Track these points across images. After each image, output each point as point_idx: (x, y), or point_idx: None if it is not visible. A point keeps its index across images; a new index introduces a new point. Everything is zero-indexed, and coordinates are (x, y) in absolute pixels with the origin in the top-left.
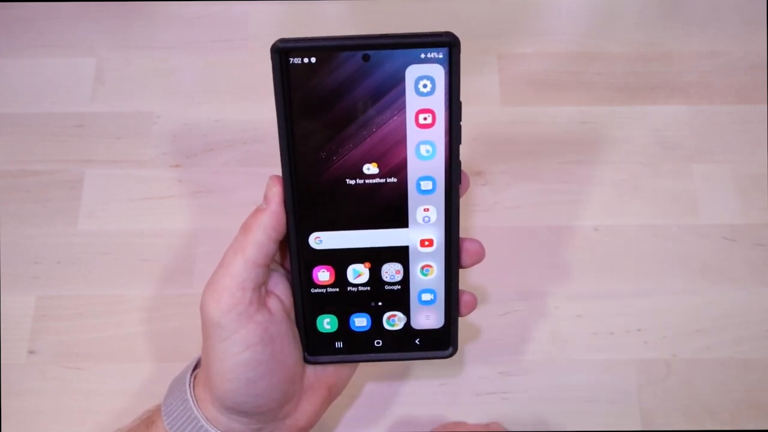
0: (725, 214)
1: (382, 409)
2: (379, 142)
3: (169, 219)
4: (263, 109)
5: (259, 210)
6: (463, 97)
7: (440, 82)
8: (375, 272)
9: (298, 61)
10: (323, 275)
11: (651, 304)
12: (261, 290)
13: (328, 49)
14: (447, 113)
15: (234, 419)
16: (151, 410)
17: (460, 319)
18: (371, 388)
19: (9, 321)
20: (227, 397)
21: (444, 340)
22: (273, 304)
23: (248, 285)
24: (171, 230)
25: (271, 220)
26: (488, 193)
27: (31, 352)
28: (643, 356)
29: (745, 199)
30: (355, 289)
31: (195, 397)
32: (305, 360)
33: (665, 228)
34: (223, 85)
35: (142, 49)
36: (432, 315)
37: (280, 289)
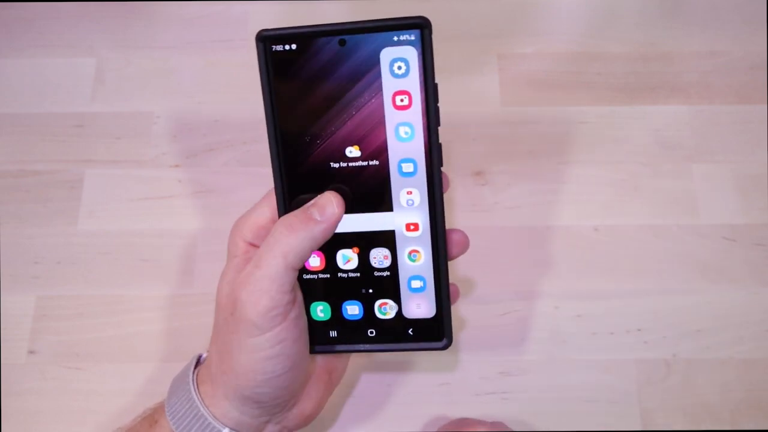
0: (725, 214)
1: (382, 410)
2: (360, 125)
3: (169, 219)
4: (263, 109)
5: (310, 218)
6: (463, 97)
7: (414, 64)
8: (364, 258)
9: (279, 48)
10: (314, 261)
11: (651, 304)
12: (295, 290)
13: (307, 35)
14: (423, 94)
15: (246, 412)
16: (153, 408)
17: (461, 319)
18: (370, 388)
19: (9, 321)
20: (251, 388)
21: (437, 331)
22: (298, 297)
23: (287, 288)
24: (171, 230)
25: (323, 234)
26: (488, 193)
27: (31, 352)
28: (643, 356)
29: (745, 199)
30: (345, 275)
31: (200, 395)
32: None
33: (665, 228)
34: (223, 85)
35: (142, 49)
36: (423, 303)
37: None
